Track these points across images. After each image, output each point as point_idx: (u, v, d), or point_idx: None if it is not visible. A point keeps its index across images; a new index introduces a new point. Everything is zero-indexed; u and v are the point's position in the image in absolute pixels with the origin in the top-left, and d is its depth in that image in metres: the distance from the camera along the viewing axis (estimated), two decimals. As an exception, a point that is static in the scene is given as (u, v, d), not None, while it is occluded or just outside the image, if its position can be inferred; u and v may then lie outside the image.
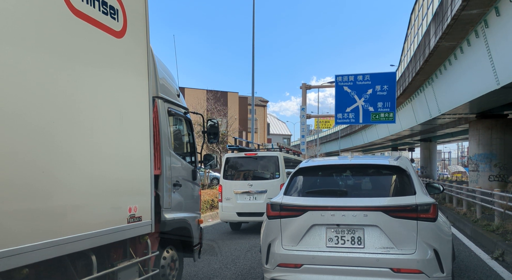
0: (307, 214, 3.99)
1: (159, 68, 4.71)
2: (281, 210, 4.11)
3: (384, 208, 3.82)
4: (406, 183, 4.08)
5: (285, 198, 4.23)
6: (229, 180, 10.35)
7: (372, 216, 3.81)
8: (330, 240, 3.91)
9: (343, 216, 3.87)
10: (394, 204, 3.87)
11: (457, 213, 13.89)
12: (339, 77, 26.59)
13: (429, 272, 3.66)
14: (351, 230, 3.86)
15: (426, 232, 3.75)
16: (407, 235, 3.75)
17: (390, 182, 4.27)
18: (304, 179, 4.44)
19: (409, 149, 57.66)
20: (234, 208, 10.04)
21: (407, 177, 4.10)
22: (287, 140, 63.07)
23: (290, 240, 4.02)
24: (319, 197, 4.15)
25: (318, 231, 3.95)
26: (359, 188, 4.52)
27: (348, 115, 26.65)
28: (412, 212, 3.78)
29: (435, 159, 50.44)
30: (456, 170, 78.63)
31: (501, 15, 11.83)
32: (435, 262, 3.70)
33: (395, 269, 3.68)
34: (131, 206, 3.74)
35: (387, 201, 3.92)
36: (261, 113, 42.02)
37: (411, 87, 23.42)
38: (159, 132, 4.47)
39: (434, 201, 3.95)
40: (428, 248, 3.71)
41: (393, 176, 4.25)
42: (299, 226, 4.00)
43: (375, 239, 3.80)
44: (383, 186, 4.35)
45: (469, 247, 8.41)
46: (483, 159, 19.94)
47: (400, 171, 4.18)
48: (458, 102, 17.19)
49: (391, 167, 4.31)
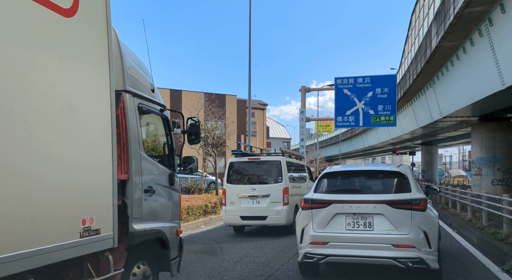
0: (331, 206, 5.34)
1: (128, 58, 4.15)
2: (312, 203, 5.49)
3: (387, 201, 5.17)
4: (404, 183, 5.42)
5: (314, 194, 5.63)
6: (233, 184, 10.37)
7: (379, 207, 5.16)
8: (348, 225, 5.26)
9: (358, 207, 5.23)
10: (395, 198, 5.22)
11: (461, 219, 13.27)
12: (338, 79, 26.08)
13: (420, 247, 4.97)
14: (364, 217, 5.20)
15: (418, 218, 5.09)
16: (404, 221, 5.08)
17: (393, 183, 5.60)
18: (328, 181, 5.83)
19: (410, 153, 56.95)
20: (237, 211, 10.10)
21: (405, 180, 5.45)
22: (287, 144, 62.47)
23: (319, 225, 5.38)
24: (340, 194, 5.51)
25: (339, 218, 5.31)
26: (370, 187, 5.81)
27: (348, 118, 26.11)
28: (408, 204, 5.12)
29: (436, 162, 49.81)
30: (457, 174, 77.91)
31: (507, 11, 11.30)
32: (424, 240, 4.99)
33: (395, 245, 5.01)
34: (86, 217, 3.17)
35: (390, 196, 5.28)
36: (260, 116, 41.29)
37: (412, 90, 22.89)
38: (127, 131, 3.93)
39: (424, 196, 5.32)
40: (420, 230, 5.03)
41: (395, 178, 5.61)
42: (325, 215, 5.34)
43: (381, 224, 5.13)
44: (388, 185, 5.64)
45: (477, 257, 7.80)
46: (486, 162, 19.36)
47: (400, 175, 5.56)
48: (460, 104, 16.64)
49: (394, 172, 5.72)
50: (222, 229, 11.92)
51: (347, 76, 25.96)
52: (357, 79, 25.64)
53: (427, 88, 21.20)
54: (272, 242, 9.47)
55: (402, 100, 26.45)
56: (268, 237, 10.28)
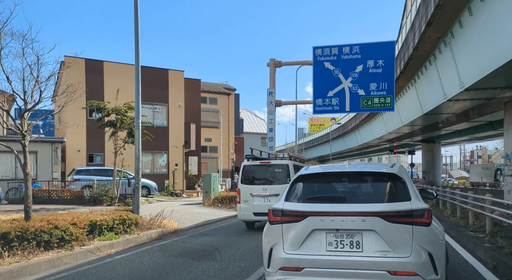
0: (308, 219, 4.22)
1: None
2: (282, 216, 4.34)
3: (381, 213, 4.04)
4: (401, 189, 4.28)
5: (286, 204, 4.43)
6: (246, 185, 11.41)
7: (370, 221, 4.03)
8: (330, 244, 4.15)
9: (342, 221, 4.10)
10: (390, 209, 4.07)
11: (488, 241, 7.28)
12: (318, 49, 19.92)
13: (424, 274, 3.87)
14: (350, 235, 4.09)
15: (421, 236, 3.96)
16: (403, 239, 3.96)
17: (386, 188, 4.46)
18: (304, 186, 4.63)
19: (408, 152, 50.97)
20: (251, 208, 11.12)
21: (402, 184, 4.31)
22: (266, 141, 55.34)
23: (291, 244, 4.25)
24: (319, 203, 4.33)
25: (318, 235, 4.19)
26: (357, 194, 4.67)
27: (331, 101, 19.91)
28: (407, 217, 3.99)
29: (439, 162, 44.44)
30: (459, 175, 73.20)
31: None
32: (429, 264, 3.92)
33: (391, 272, 3.91)
34: None
35: (383, 207, 4.12)
36: (225, 103, 33.65)
37: (417, 58, 16.83)
38: None
39: (428, 206, 4.12)
40: (423, 251, 3.93)
41: (389, 182, 4.43)
42: (300, 231, 4.23)
43: (372, 243, 4.03)
44: (380, 192, 4.54)
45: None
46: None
47: (396, 178, 4.37)
48: (495, 62, 10.47)
49: (387, 174, 4.50)
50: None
51: (329, 44, 19.80)
52: (343, 49, 19.50)
53: (439, 51, 15.05)
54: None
55: (402, 78, 20.40)
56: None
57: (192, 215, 13.75)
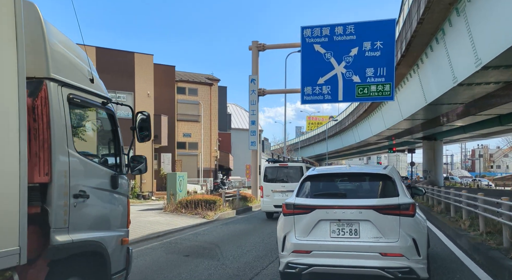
0: (315, 211, 5.17)
1: (53, 39, 3.47)
2: (294, 209, 5.28)
3: (374, 206, 5.02)
4: (391, 187, 5.25)
5: (297, 199, 5.40)
6: (268, 183, 14.38)
7: (366, 213, 4.99)
8: (333, 232, 5.10)
9: (343, 213, 5.05)
10: (382, 203, 5.05)
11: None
12: (307, 29, 17.46)
13: (409, 256, 4.83)
14: (350, 224, 5.06)
15: (407, 225, 4.91)
16: (392, 228, 4.92)
17: (379, 186, 5.44)
18: (312, 184, 5.63)
19: (408, 151, 48.92)
20: (272, 202, 13.94)
21: (392, 183, 5.27)
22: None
23: (302, 232, 5.21)
24: (324, 198, 5.34)
25: (323, 225, 5.15)
26: (356, 191, 5.71)
27: (321, 89, 17.44)
28: (395, 209, 4.94)
29: (441, 161, 42.35)
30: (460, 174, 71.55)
31: None
32: (413, 248, 4.86)
33: (383, 254, 4.88)
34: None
35: (376, 202, 5.12)
36: (206, 94, 30.15)
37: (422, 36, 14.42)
38: (49, 125, 3.31)
39: (413, 201, 5.10)
40: (408, 237, 4.87)
41: (382, 181, 5.41)
42: (309, 221, 5.18)
43: (367, 230, 5.00)
44: (374, 189, 5.54)
45: None
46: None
47: (387, 178, 5.34)
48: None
49: (380, 175, 5.49)
50: None
51: (320, 24, 17.33)
52: (335, 29, 17.06)
53: (449, 23, 12.60)
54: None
55: (403, 64, 18.10)
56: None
57: (140, 225, 11.10)
